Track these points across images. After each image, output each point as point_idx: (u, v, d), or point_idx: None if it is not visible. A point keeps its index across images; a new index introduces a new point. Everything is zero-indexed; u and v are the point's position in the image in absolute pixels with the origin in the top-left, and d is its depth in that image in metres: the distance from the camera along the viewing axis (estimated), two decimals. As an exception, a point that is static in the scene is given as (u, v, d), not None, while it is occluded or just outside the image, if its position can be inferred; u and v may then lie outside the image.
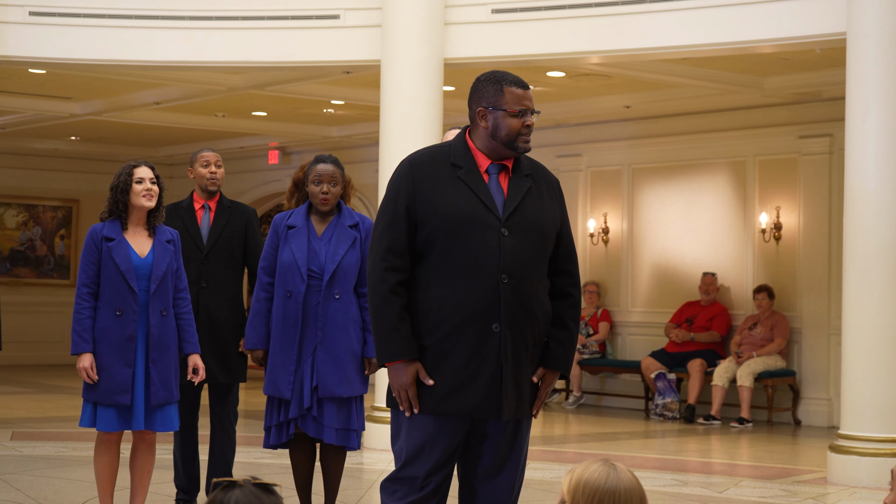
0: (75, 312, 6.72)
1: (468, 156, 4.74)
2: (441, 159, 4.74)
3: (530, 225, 4.69)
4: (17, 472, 9.20)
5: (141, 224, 6.86)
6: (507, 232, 4.63)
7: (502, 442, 4.73)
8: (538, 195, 4.77)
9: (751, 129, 14.54)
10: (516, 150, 4.73)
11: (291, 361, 6.79)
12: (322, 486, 7.13)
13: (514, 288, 4.61)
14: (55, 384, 16.95)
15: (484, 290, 4.59)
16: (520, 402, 4.70)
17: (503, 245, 4.61)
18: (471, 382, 4.61)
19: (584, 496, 3.02)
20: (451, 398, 4.62)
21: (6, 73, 13.18)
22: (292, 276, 6.84)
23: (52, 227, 21.25)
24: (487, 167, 4.74)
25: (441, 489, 4.73)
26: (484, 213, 4.63)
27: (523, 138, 4.74)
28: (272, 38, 11.24)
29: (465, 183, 4.67)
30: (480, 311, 4.59)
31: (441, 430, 4.66)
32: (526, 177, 4.77)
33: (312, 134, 17.75)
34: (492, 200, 4.66)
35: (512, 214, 4.66)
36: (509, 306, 4.60)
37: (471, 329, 4.60)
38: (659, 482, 9.45)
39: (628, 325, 15.68)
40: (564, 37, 10.79)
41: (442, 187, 4.67)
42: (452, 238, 4.62)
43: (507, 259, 4.61)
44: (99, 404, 6.72)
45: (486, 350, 4.60)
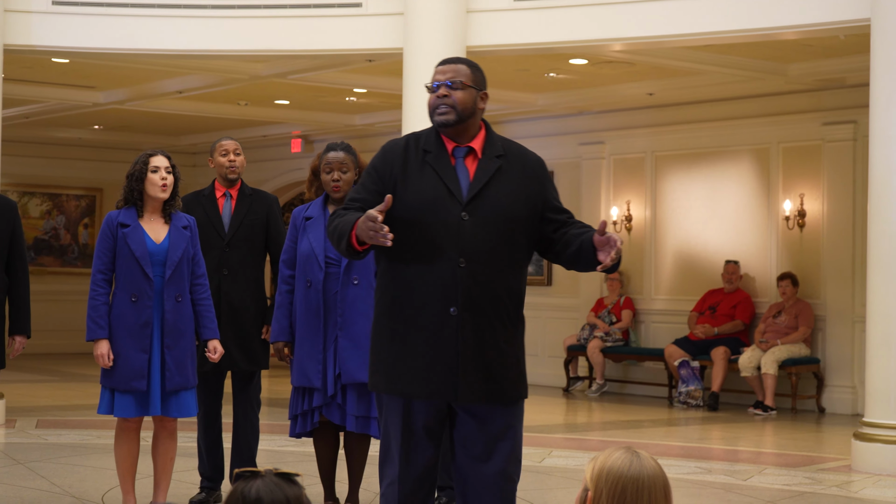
0: (90, 299, 6.75)
1: (437, 141, 4.81)
2: (413, 145, 4.82)
3: (494, 207, 4.70)
4: (42, 460, 9.24)
5: (157, 211, 6.88)
6: (467, 216, 4.66)
7: (489, 426, 4.73)
8: (508, 177, 4.77)
9: (774, 116, 14.49)
10: (435, 124, 4.79)
11: (318, 350, 6.81)
12: (346, 474, 7.15)
13: (472, 271, 4.63)
14: (79, 372, 17.01)
15: (442, 273, 4.64)
16: (489, 386, 4.69)
17: (462, 229, 4.65)
18: (431, 365, 4.66)
19: (607, 484, 3.02)
20: (413, 380, 4.68)
21: (30, 62, 13.22)
22: (311, 266, 6.87)
23: (75, 215, 21.32)
24: (453, 150, 4.79)
25: (424, 471, 4.77)
26: (446, 198, 4.68)
27: (438, 111, 4.78)
28: (294, 26, 11.24)
29: (432, 168, 4.74)
30: (439, 295, 4.64)
31: (409, 411, 4.73)
32: (497, 158, 4.79)
33: (335, 122, 17.76)
34: (457, 185, 4.71)
35: (474, 198, 4.69)
36: (468, 290, 4.63)
37: (430, 312, 4.66)
38: (682, 470, 9.44)
39: (651, 312, 15.66)
40: (587, 24, 10.76)
41: (411, 172, 4.74)
42: (415, 222, 4.67)
43: (466, 243, 4.64)
44: (116, 390, 6.75)
45: (445, 333, 4.65)
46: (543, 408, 14.08)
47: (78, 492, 8.00)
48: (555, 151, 16.57)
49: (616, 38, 10.82)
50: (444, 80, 4.79)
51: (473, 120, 4.81)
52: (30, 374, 16.38)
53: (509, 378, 4.74)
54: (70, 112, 17.23)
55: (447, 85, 4.77)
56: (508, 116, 16.66)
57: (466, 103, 4.77)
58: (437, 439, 4.78)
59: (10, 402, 11.95)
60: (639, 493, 3.01)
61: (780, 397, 13.79)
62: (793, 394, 13.72)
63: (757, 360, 13.71)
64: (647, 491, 3.01)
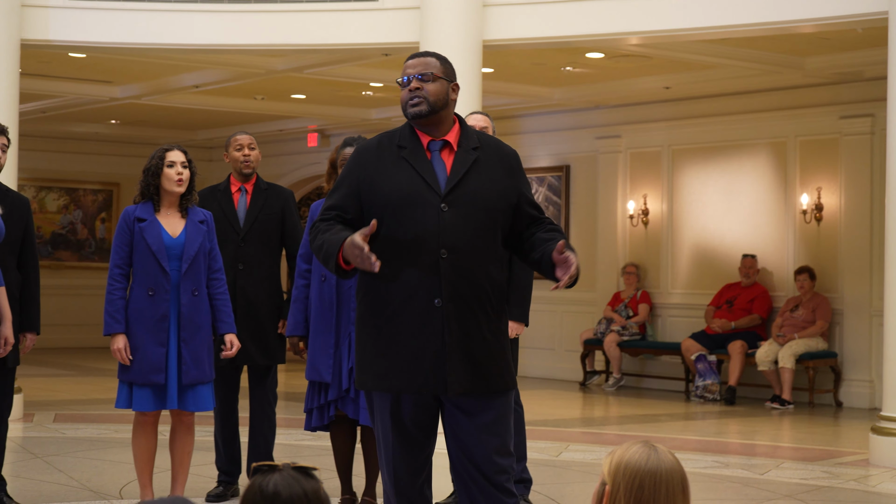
0: (107, 293, 6.77)
1: (412, 136, 4.84)
2: (387, 143, 4.85)
3: (473, 199, 4.72)
4: (59, 454, 9.27)
5: (173, 206, 6.90)
6: (447, 207, 4.68)
7: (476, 418, 4.74)
8: (485, 169, 4.79)
9: (791, 109, 14.45)
10: (408, 117, 4.82)
11: (330, 345, 6.82)
12: (363, 467, 7.16)
13: (454, 263, 4.65)
14: (97, 366, 17.06)
15: (424, 266, 4.65)
16: (475, 378, 4.70)
17: (442, 221, 4.66)
18: (418, 358, 4.67)
19: (624, 478, 3.01)
20: (400, 375, 4.70)
21: (47, 57, 13.24)
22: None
23: (92, 210, 21.36)
24: (428, 144, 4.81)
25: (418, 464, 4.81)
26: (424, 191, 4.70)
27: (410, 103, 4.82)
28: (311, 20, 11.25)
29: (408, 162, 4.76)
30: (422, 288, 4.66)
31: (398, 406, 4.75)
32: (473, 150, 4.81)
33: (351, 116, 17.76)
34: (434, 177, 4.73)
35: (453, 189, 4.71)
36: (451, 281, 4.65)
37: (414, 306, 4.67)
38: (700, 464, 9.44)
39: (668, 306, 15.63)
40: (603, 17, 10.74)
41: (386, 169, 4.77)
42: (395, 217, 4.70)
43: (447, 234, 4.66)
44: (134, 384, 6.77)
45: (430, 326, 4.66)
46: (560, 402, 14.08)
47: (96, 485, 8.03)
48: (571, 146, 16.57)
49: (633, 31, 10.80)
50: (414, 73, 4.84)
51: (446, 112, 4.84)
52: (47, 368, 16.43)
53: (494, 369, 4.75)
54: (87, 107, 17.27)
55: (418, 78, 4.82)
56: (524, 111, 16.65)
57: (438, 94, 4.80)
58: (428, 432, 4.81)
59: (28, 397, 11.99)
60: (656, 487, 3.00)
61: (797, 391, 13.76)
62: (810, 388, 13.70)
63: (774, 354, 13.68)
64: (664, 485, 3.01)
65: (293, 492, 2.64)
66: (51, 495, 7.69)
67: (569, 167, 16.62)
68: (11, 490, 7.29)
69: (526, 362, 15.26)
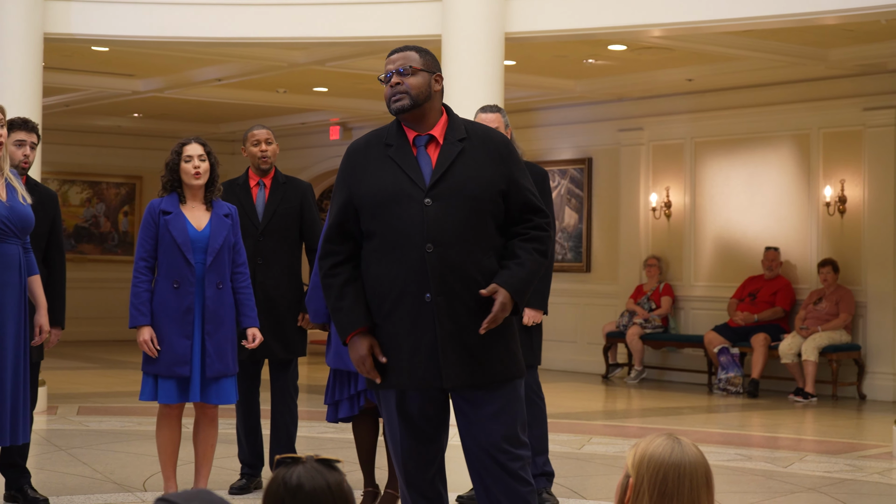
0: (133, 286, 6.80)
1: (399, 133, 4.84)
2: (375, 142, 4.87)
3: (458, 190, 4.70)
4: (83, 447, 9.30)
5: (198, 199, 6.92)
6: (430, 201, 4.68)
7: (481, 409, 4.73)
8: (472, 158, 4.77)
9: (815, 101, 14.40)
10: (392, 112, 4.84)
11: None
12: (385, 460, 7.16)
13: (441, 256, 4.65)
14: (120, 359, 17.11)
15: (411, 261, 4.66)
16: (472, 369, 4.69)
17: (426, 215, 4.66)
18: (414, 354, 4.69)
19: (648, 470, 3.01)
20: (400, 372, 4.71)
21: (69, 50, 13.28)
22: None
23: (115, 203, 21.41)
24: (414, 139, 4.81)
25: (428, 456, 4.82)
26: (408, 187, 4.70)
27: (393, 99, 4.84)
28: (333, 13, 11.25)
29: (393, 160, 4.77)
30: (412, 283, 4.67)
31: (403, 401, 4.77)
32: (459, 141, 4.80)
33: (373, 109, 17.75)
34: (418, 173, 4.73)
35: (437, 183, 4.70)
36: (439, 275, 4.65)
37: (406, 302, 4.69)
38: (723, 457, 9.42)
39: (691, 299, 15.60)
40: (626, 10, 10.72)
41: (372, 168, 4.78)
42: (381, 215, 4.72)
43: (432, 228, 4.65)
44: (159, 377, 6.79)
45: (423, 321, 4.67)
46: (582, 395, 14.07)
47: (119, 478, 8.05)
48: (593, 138, 16.55)
49: (655, 23, 10.77)
50: (394, 68, 4.86)
51: (431, 104, 4.85)
52: (71, 361, 16.49)
53: (493, 359, 4.73)
54: (110, 100, 17.31)
55: (399, 72, 4.83)
56: (546, 103, 16.63)
57: (420, 87, 4.81)
58: (437, 424, 4.82)
59: (52, 389, 12.03)
60: (680, 479, 3.00)
61: (820, 384, 13.72)
62: (833, 381, 13.66)
63: (797, 346, 13.65)
64: (688, 477, 3.01)
65: (316, 484, 2.64)
66: (75, 487, 7.71)
67: (591, 160, 16.60)
68: (36, 482, 7.31)
69: (548, 355, 15.23)
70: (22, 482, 7.16)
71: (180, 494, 2.34)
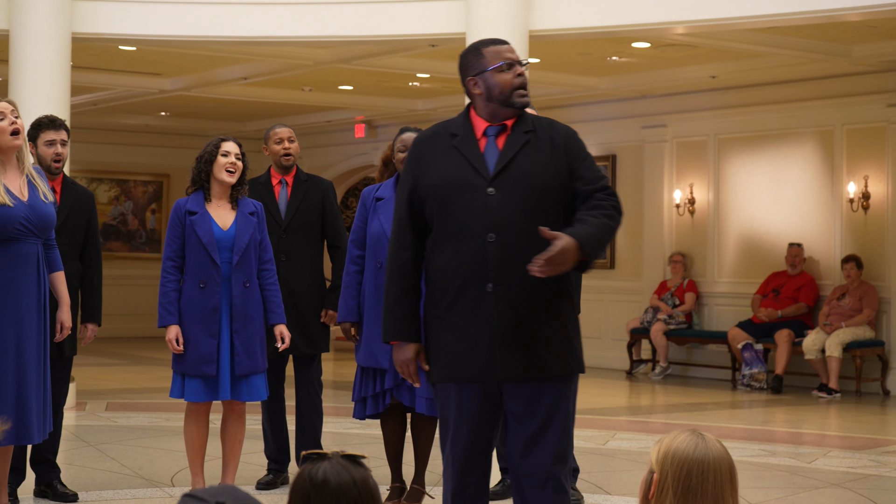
0: (161, 286, 6.83)
1: (466, 123, 4.79)
2: (441, 132, 4.81)
3: (522, 180, 4.64)
4: (112, 442, 9.33)
5: (224, 197, 6.93)
6: (493, 191, 4.62)
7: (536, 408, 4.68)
8: (537, 149, 4.71)
9: (838, 97, 14.35)
10: (514, 106, 4.73)
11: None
12: (412, 456, 7.16)
13: (503, 245, 4.59)
14: (148, 356, 17.17)
15: (473, 251, 4.61)
16: (530, 361, 4.63)
17: (489, 204, 4.61)
18: (473, 345, 4.63)
19: (672, 466, 3.01)
20: (460, 364, 4.66)
21: (97, 49, 13.32)
22: (382, 247, 6.81)
23: (143, 201, 21.48)
24: (486, 130, 4.76)
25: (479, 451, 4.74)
26: (472, 176, 4.65)
27: (519, 92, 4.74)
28: (358, 11, 11.26)
29: (458, 150, 4.71)
30: (473, 273, 4.61)
31: (461, 394, 4.70)
32: (525, 133, 4.74)
33: (398, 107, 17.78)
34: (482, 163, 4.67)
35: (501, 172, 4.64)
36: (500, 264, 4.59)
37: (468, 292, 4.63)
38: (747, 452, 9.40)
39: (715, 295, 15.57)
40: (650, 7, 10.70)
41: (437, 158, 4.74)
42: (444, 205, 4.67)
43: (494, 218, 4.60)
44: (186, 375, 6.81)
45: (483, 311, 4.61)
46: (607, 390, 14.05)
47: (148, 473, 8.08)
48: (617, 135, 16.52)
49: (679, 20, 10.75)
50: (520, 59, 4.79)
51: None
52: (99, 357, 16.55)
53: (552, 352, 4.67)
54: (137, 99, 17.36)
55: (525, 66, 4.79)
56: (570, 100, 16.61)
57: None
58: (489, 419, 4.73)
59: (81, 386, 12.07)
60: (704, 475, 3.00)
61: (844, 380, 13.68)
62: (857, 376, 13.61)
63: (821, 342, 13.60)
64: (712, 473, 3.00)
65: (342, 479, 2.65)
66: (103, 483, 7.74)
67: (615, 157, 16.57)
68: (65, 477, 7.35)
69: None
70: (51, 477, 7.20)
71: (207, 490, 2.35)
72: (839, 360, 13.44)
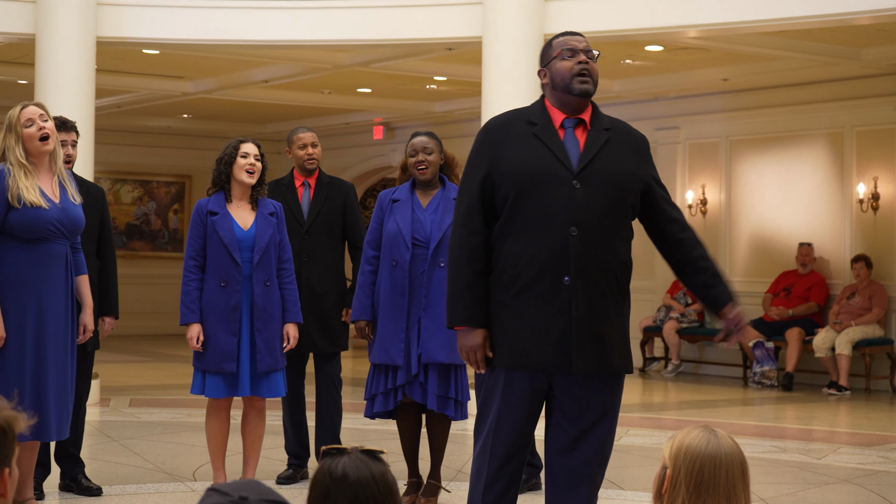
0: (183, 284, 6.86)
1: (543, 113, 4.71)
2: (516, 120, 4.72)
3: (605, 177, 4.60)
4: (135, 438, 9.36)
5: (244, 198, 6.95)
6: (579, 184, 4.55)
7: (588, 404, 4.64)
8: (617, 149, 4.67)
9: (848, 100, 14.32)
10: (573, 92, 4.66)
11: (401, 329, 6.80)
12: (428, 451, 7.17)
13: (584, 240, 4.54)
14: (170, 353, 17.19)
15: (554, 243, 4.53)
16: (601, 357, 4.59)
17: (574, 197, 4.54)
18: (544, 336, 4.55)
19: (685, 462, 3.00)
20: (526, 352, 4.57)
21: (121, 53, 13.35)
22: (397, 246, 6.84)
23: (165, 201, 21.52)
24: (563, 122, 4.69)
25: (520, 443, 4.68)
26: (556, 167, 4.57)
27: (578, 78, 4.67)
28: (376, 16, 11.27)
29: (538, 139, 4.63)
30: (551, 265, 4.54)
31: (513, 391, 4.63)
32: (605, 130, 4.69)
33: (416, 109, 17.78)
34: (565, 154, 4.60)
35: (586, 167, 4.58)
36: (580, 258, 4.53)
37: (543, 283, 4.55)
38: (758, 448, 9.38)
39: (726, 294, 15.50)
40: (662, 11, 10.68)
41: (516, 145, 4.64)
42: (525, 193, 4.57)
43: (578, 211, 4.53)
44: (207, 372, 6.83)
45: (558, 303, 4.54)
46: (620, 388, 14.01)
47: (170, 468, 8.10)
48: (631, 137, 16.48)
49: (691, 24, 10.73)
50: (584, 48, 4.73)
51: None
52: (122, 354, 16.58)
53: (617, 349, 4.65)
54: (160, 101, 17.40)
55: (588, 54, 4.72)
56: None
57: (598, 77, 4.73)
58: (533, 413, 4.69)
59: (105, 382, 12.10)
60: (716, 470, 2.99)
61: (853, 377, 13.65)
62: (866, 374, 13.59)
63: (831, 341, 13.58)
64: (724, 469, 3.00)
65: (361, 474, 2.65)
66: (127, 477, 7.76)
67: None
68: (89, 472, 7.36)
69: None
70: (76, 472, 7.22)
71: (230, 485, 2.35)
72: (849, 357, 13.41)
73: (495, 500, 4.71)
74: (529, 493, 7.24)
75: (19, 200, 5.99)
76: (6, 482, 2.53)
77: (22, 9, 11.04)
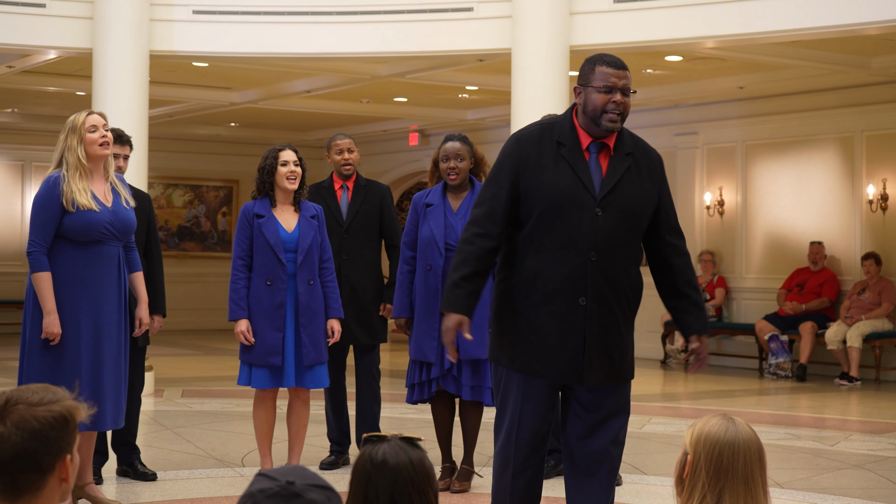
0: (231, 283, 6.88)
1: (573, 134, 4.61)
2: (547, 137, 4.62)
3: (625, 205, 4.55)
4: (187, 426, 9.39)
5: (287, 201, 6.98)
6: (601, 212, 4.52)
7: (604, 403, 4.67)
8: (637, 174, 4.62)
9: (858, 106, 14.25)
10: (600, 127, 4.56)
11: (434, 328, 6.83)
12: (461, 438, 7.17)
13: (601, 265, 4.52)
14: (219, 347, 17.24)
15: (573, 265, 4.51)
16: (610, 371, 4.62)
17: (596, 224, 4.51)
18: (557, 350, 4.55)
19: (705, 448, 3.00)
20: (540, 362, 4.58)
21: (173, 66, 13.40)
22: (431, 251, 6.90)
23: (214, 205, 21.59)
24: (588, 145, 4.61)
25: (539, 437, 4.67)
26: (581, 193, 4.51)
27: (608, 116, 4.55)
28: (412, 29, 11.27)
29: (566, 161, 4.56)
30: (569, 286, 4.52)
31: (531, 388, 4.63)
32: (627, 156, 4.63)
33: (449, 117, 17.78)
34: (590, 180, 4.54)
35: (608, 194, 4.53)
36: (596, 282, 4.52)
37: (559, 301, 4.53)
38: (773, 436, 9.34)
39: (742, 290, 15.49)
40: (681, 23, 10.65)
41: (546, 164, 4.56)
42: (550, 214, 4.53)
43: (598, 237, 4.51)
44: (253, 365, 6.85)
45: (573, 322, 4.53)
46: (642, 379, 14.00)
47: (220, 454, 8.12)
48: (651, 142, 16.15)
49: (709, 35, 10.69)
50: (622, 86, 4.57)
51: None
52: (175, 348, 16.64)
53: (626, 362, 4.69)
54: (209, 111, 17.45)
55: (624, 92, 4.58)
56: (608, 110, 16.53)
57: (628, 111, 4.63)
58: (552, 405, 4.69)
59: (158, 374, 12.15)
60: (734, 456, 2.98)
61: (864, 369, 13.58)
62: (876, 365, 13.51)
63: (842, 334, 13.51)
64: (742, 454, 2.99)
65: (400, 460, 2.66)
66: (180, 463, 7.79)
67: (650, 162, 16.49)
68: (145, 458, 7.40)
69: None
70: (132, 458, 7.26)
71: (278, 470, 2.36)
72: (859, 350, 13.34)
73: (524, 489, 4.71)
74: (557, 478, 7.23)
75: (73, 204, 6.02)
76: (68, 468, 2.55)
77: (80, 25, 11.09)
